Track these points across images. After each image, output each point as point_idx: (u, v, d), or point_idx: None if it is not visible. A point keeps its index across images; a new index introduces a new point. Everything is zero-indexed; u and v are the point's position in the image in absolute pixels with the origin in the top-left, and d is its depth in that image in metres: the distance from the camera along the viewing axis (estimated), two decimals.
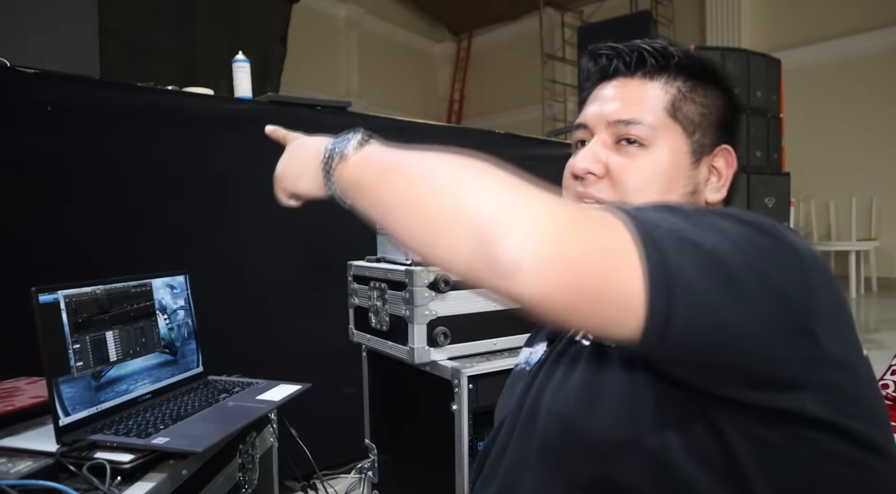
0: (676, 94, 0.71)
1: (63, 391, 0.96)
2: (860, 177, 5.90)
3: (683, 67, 0.72)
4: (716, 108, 0.73)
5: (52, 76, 1.68)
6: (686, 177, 0.70)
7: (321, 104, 2.27)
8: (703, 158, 0.72)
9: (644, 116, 0.70)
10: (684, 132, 0.71)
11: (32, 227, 1.63)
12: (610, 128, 0.71)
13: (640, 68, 0.73)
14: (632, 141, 0.70)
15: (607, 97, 0.73)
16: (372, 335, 1.56)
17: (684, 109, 0.71)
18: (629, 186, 0.69)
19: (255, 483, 1.29)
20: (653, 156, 0.69)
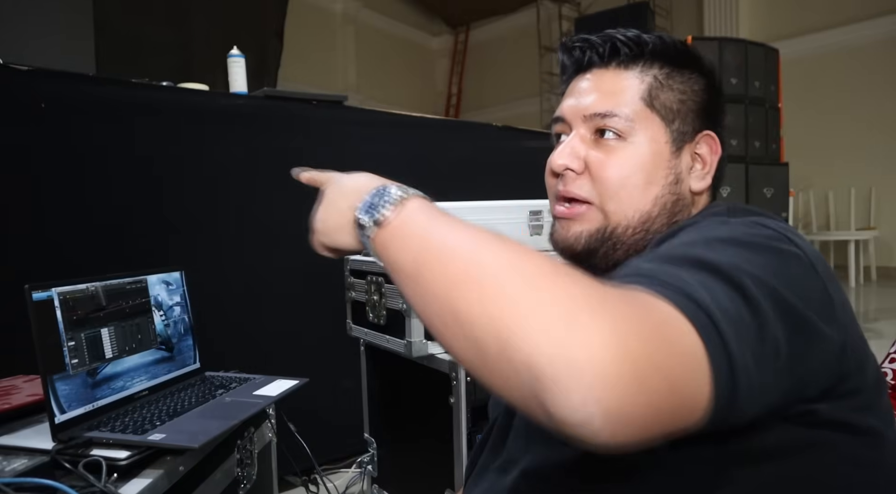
0: (653, 82, 0.70)
1: (58, 388, 0.96)
2: (859, 167, 5.89)
3: (658, 53, 0.71)
4: (695, 93, 0.71)
5: (46, 73, 1.67)
6: (667, 167, 0.69)
7: (317, 99, 2.26)
8: (685, 146, 0.71)
9: (620, 108, 0.68)
10: (663, 121, 0.69)
11: (26, 224, 1.63)
12: (587, 122, 0.70)
13: (614, 58, 0.71)
14: (610, 134, 0.68)
15: (583, 90, 0.72)
16: (369, 329, 1.55)
17: (661, 97, 0.69)
18: (609, 181, 0.68)
19: (254, 478, 1.29)
20: (632, 148, 0.68)
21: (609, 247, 0.69)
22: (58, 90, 1.69)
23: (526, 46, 8.34)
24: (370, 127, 2.40)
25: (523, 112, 8.19)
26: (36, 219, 1.64)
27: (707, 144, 0.72)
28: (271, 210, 2.10)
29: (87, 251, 1.71)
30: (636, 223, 0.68)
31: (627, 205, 0.68)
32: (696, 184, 0.71)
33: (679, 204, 0.70)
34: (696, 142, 0.71)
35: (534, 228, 1.54)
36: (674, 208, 0.70)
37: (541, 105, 8.12)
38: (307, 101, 2.23)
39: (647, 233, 0.69)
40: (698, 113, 0.71)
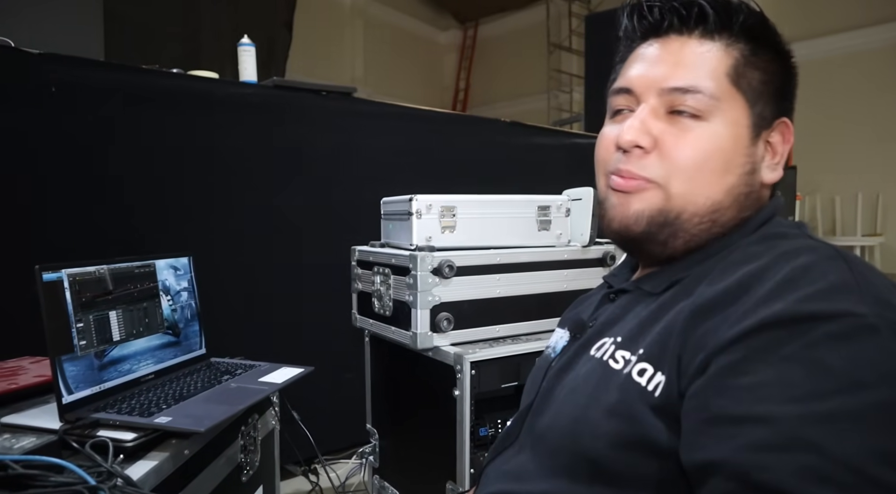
0: (739, 57, 0.62)
1: (66, 369, 0.96)
2: (866, 172, 5.86)
3: (747, 26, 0.63)
4: (776, 75, 0.64)
5: (56, 58, 1.67)
6: (745, 154, 0.62)
7: (326, 89, 2.26)
8: (762, 133, 0.64)
9: (704, 84, 0.61)
10: (746, 103, 0.62)
11: (35, 208, 1.63)
12: (663, 96, 0.63)
13: (700, 24, 0.63)
14: (687, 111, 0.62)
15: (657, 59, 0.64)
16: (375, 320, 1.56)
17: (748, 75, 0.62)
18: (681, 163, 0.61)
19: (257, 464, 1.30)
20: (710, 129, 0.61)
21: (669, 234, 0.63)
22: (68, 75, 1.69)
23: (535, 43, 8.30)
24: (378, 119, 2.40)
25: (531, 109, 8.16)
26: (43, 203, 1.64)
27: (781, 133, 0.65)
28: (280, 198, 2.10)
29: (92, 235, 1.71)
30: (704, 212, 0.62)
31: (699, 191, 0.62)
32: (769, 175, 0.65)
33: (751, 197, 0.64)
34: (772, 129, 0.65)
35: (541, 223, 1.54)
36: (745, 201, 0.63)
37: (548, 102, 8.08)
38: (316, 91, 2.23)
39: (714, 225, 0.63)
40: (778, 97, 0.64)
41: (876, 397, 0.43)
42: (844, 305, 0.47)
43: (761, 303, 0.50)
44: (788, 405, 0.44)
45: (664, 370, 0.55)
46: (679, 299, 0.60)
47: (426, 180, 2.04)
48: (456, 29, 9.90)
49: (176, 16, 4.71)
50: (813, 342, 0.46)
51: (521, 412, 0.75)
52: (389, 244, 1.57)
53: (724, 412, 0.47)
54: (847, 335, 0.46)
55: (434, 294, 1.34)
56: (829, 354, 0.45)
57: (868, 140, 5.91)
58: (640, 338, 0.60)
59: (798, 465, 0.42)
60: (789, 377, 0.45)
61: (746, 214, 0.64)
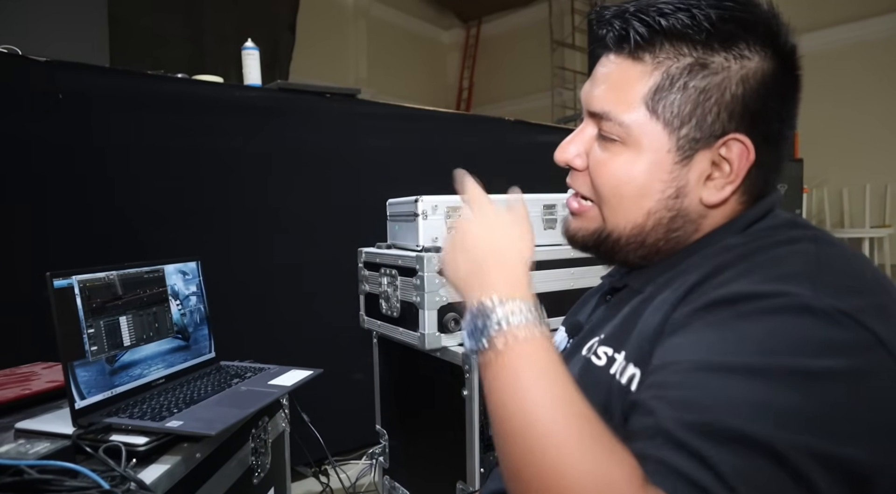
0: (660, 81, 0.58)
1: (78, 374, 0.97)
2: (874, 163, 5.81)
3: (679, 37, 0.57)
4: (724, 89, 0.57)
5: (62, 65, 1.68)
6: (665, 181, 0.60)
7: (330, 92, 2.26)
8: (698, 154, 0.59)
9: (618, 109, 0.60)
10: (665, 128, 0.59)
11: (44, 214, 1.65)
12: (590, 117, 0.64)
13: (625, 44, 0.60)
14: (608, 135, 0.62)
15: (595, 77, 0.64)
16: (383, 322, 1.56)
17: (669, 98, 0.58)
18: (601, 187, 0.63)
19: (268, 467, 1.30)
20: (628, 155, 0.61)
21: (606, 250, 0.66)
22: (75, 82, 1.71)
23: (538, 41, 8.28)
24: (383, 120, 2.41)
25: (535, 107, 8.14)
26: (51, 209, 1.66)
27: (736, 149, 0.58)
28: (286, 201, 2.11)
29: (101, 241, 1.72)
30: (628, 234, 0.64)
31: (620, 215, 0.63)
32: (711, 196, 0.60)
33: (678, 220, 0.61)
34: (719, 146, 0.59)
35: (547, 222, 1.54)
36: (671, 224, 0.62)
37: (552, 100, 8.07)
38: (320, 93, 2.24)
39: (643, 245, 0.64)
40: (727, 112, 0.58)
41: (778, 363, 0.45)
42: (788, 287, 0.48)
43: (717, 287, 0.52)
44: (692, 356, 0.48)
45: (639, 364, 0.56)
46: (658, 294, 0.60)
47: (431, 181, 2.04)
48: (459, 28, 9.89)
49: (179, 21, 4.73)
50: (742, 314, 0.48)
51: None
52: (396, 246, 1.57)
53: (650, 370, 0.52)
54: (777, 310, 0.47)
55: (441, 295, 1.34)
56: (752, 325, 0.47)
57: (876, 131, 5.87)
58: (623, 335, 0.61)
59: (678, 400, 0.45)
60: (705, 338, 0.49)
61: (677, 234, 0.63)
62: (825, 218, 5.95)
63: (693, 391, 0.45)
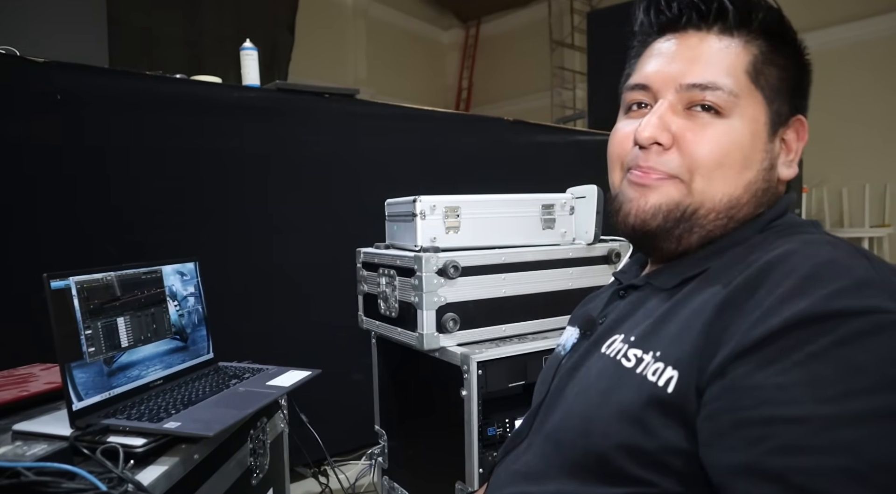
0: (758, 54, 0.63)
1: (76, 376, 0.97)
2: (874, 163, 5.82)
3: (766, 23, 0.63)
4: (792, 73, 0.65)
5: (61, 65, 1.68)
6: (763, 151, 0.63)
7: (329, 92, 2.26)
8: (779, 130, 0.64)
9: (723, 80, 0.61)
10: (764, 100, 0.63)
11: (42, 215, 1.65)
12: (681, 92, 0.63)
13: (719, 21, 0.63)
14: (707, 108, 0.62)
15: (675, 55, 0.64)
16: (381, 322, 1.56)
17: (766, 72, 0.63)
18: (701, 159, 0.61)
19: (266, 468, 1.30)
20: (729, 126, 0.61)
21: (685, 229, 0.63)
22: (73, 82, 1.71)
23: (537, 41, 8.28)
24: (381, 120, 2.41)
25: (534, 106, 8.14)
26: (48, 210, 1.66)
27: (796, 130, 0.66)
28: (285, 202, 2.11)
29: (98, 242, 1.72)
30: (721, 208, 0.62)
31: (718, 187, 0.62)
32: (785, 171, 0.65)
33: (768, 192, 0.64)
34: (788, 126, 0.65)
35: (546, 222, 1.54)
36: (762, 197, 0.64)
37: (551, 99, 8.07)
38: (319, 94, 2.24)
39: (731, 221, 0.63)
40: (793, 95, 0.65)
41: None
42: (872, 301, 0.46)
43: (785, 300, 0.49)
44: (821, 405, 0.43)
45: (679, 367, 0.54)
46: (695, 295, 0.59)
47: (430, 181, 2.05)
48: (458, 28, 9.89)
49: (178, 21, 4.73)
50: (842, 340, 0.45)
51: (531, 410, 0.75)
52: (394, 246, 1.57)
53: (753, 413, 0.46)
54: (877, 331, 0.45)
55: (440, 295, 1.34)
56: (860, 351, 0.44)
57: (875, 131, 5.87)
58: (655, 337, 0.59)
59: (835, 466, 0.41)
60: (820, 377, 0.44)
61: (762, 210, 0.64)
62: (825, 218, 5.95)
63: (848, 459, 0.41)
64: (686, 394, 0.52)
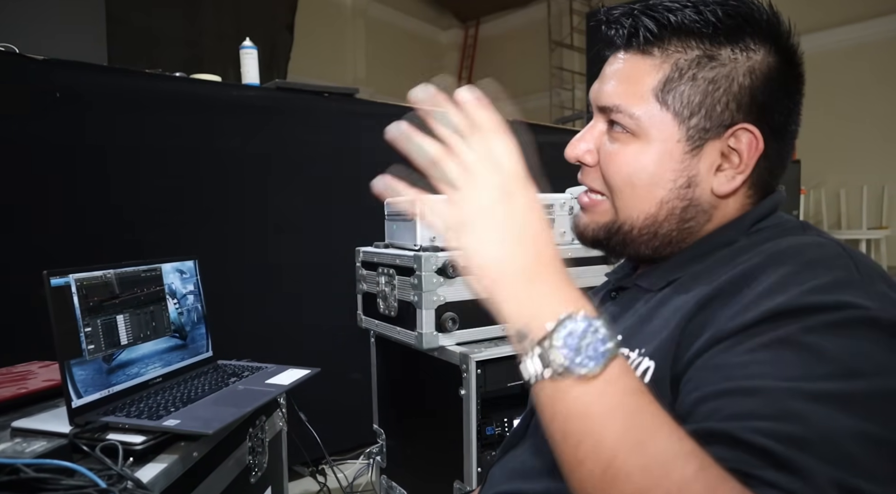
0: (671, 72, 0.61)
1: (75, 373, 0.97)
2: (872, 165, 5.83)
3: (686, 32, 0.60)
4: (731, 80, 0.60)
5: (60, 63, 1.68)
6: (676, 170, 0.62)
7: (329, 91, 2.26)
8: (707, 144, 0.61)
9: (628, 102, 0.62)
10: (675, 119, 0.61)
11: (41, 213, 1.64)
12: (600, 112, 0.66)
13: (633, 40, 0.63)
14: (618, 127, 0.63)
15: (605, 75, 0.66)
16: (380, 321, 1.56)
17: (679, 89, 0.61)
18: (612, 178, 0.64)
19: (265, 466, 1.30)
20: (638, 146, 0.62)
21: (618, 242, 0.66)
22: (72, 80, 1.71)
23: (536, 41, 8.29)
24: (381, 119, 2.37)
25: (533, 107, 8.15)
26: (47, 208, 1.66)
27: (746, 139, 0.61)
28: (284, 201, 2.11)
29: (98, 240, 1.72)
30: (641, 225, 0.64)
31: (633, 205, 0.64)
32: (721, 186, 0.62)
33: (690, 210, 0.63)
34: (728, 137, 0.61)
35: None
36: (683, 214, 0.63)
37: (550, 100, 8.08)
38: (319, 93, 2.24)
39: (654, 237, 0.64)
40: (735, 103, 0.60)
41: (867, 385, 0.44)
42: (848, 297, 0.47)
43: (764, 295, 0.50)
44: (778, 381, 0.44)
45: (655, 357, 0.56)
46: (678, 294, 0.60)
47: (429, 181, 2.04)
48: (457, 28, 9.89)
49: (178, 20, 4.72)
50: (810, 328, 0.46)
51: (528, 410, 0.76)
52: (393, 245, 1.57)
53: (714, 388, 0.47)
54: (846, 324, 0.46)
55: (439, 294, 1.35)
56: (826, 340, 0.45)
57: (873, 133, 5.89)
58: (639, 335, 0.61)
59: (782, 432, 0.42)
60: (782, 358, 0.46)
61: (690, 224, 0.64)
62: (822, 219, 5.96)
63: (796, 426, 0.42)
64: (660, 383, 0.54)
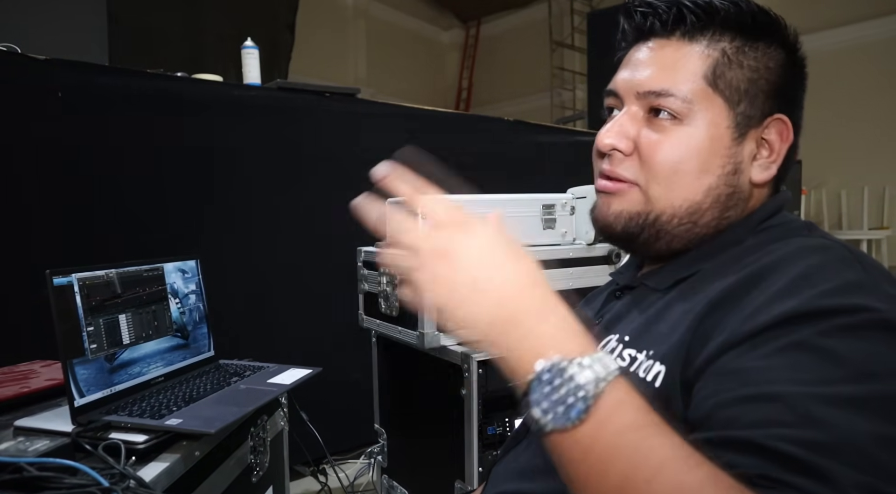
0: (719, 58, 0.62)
1: (78, 372, 0.97)
2: (873, 165, 5.83)
3: (731, 22, 0.63)
4: (769, 71, 0.63)
5: (62, 63, 1.68)
6: (725, 155, 0.62)
7: (330, 91, 2.27)
8: (750, 132, 0.63)
9: (678, 87, 0.62)
10: (726, 103, 0.62)
11: (43, 213, 1.65)
12: (640, 99, 0.64)
13: (679, 27, 0.64)
14: (664, 114, 0.62)
15: (640, 62, 0.65)
16: (382, 321, 1.56)
17: (728, 75, 0.62)
18: (659, 165, 0.62)
19: (266, 465, 1.30)
20: (687, 131, 0.62)
21: (650, 235, 0.64)
22: (74, 80, 1.71)
23: (537, 41, 8.29)
24: (381, 119, 2.41)
25: (534, 107, 8.15)
26: (48, 207, 1.66)
27: (777, 130, 0.63)
28: (285, 200, 2.11)
29: (100, 239, 1.72)
30: (683, 214, 0.63)
31: (677, 193, 0.62)
32: (758, 174, 0.64)
33: (734, 197, 0.63)
34: (765, 127, 0.63)
35: (546, 222, 1.54)
36: (727, 202, 0.63)
37: (551, 100, 8.08)
38: (320, 93, 2.24)
39: (695, 226, 0.63)
40: (771, 93, 0.63)
41: (884, 388, 0.43)
42: (861, 300, 0.47)
43: (776, 299, 0.49)
44: (796, 386, 0.44)
45: (666, 362, 0.55)
46: (687, 296, 0.59)
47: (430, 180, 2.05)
48: (458, 28, 9.89)
49: (179, 19, 4.72)
50: (825, 332, 0.46)
51: None
52: None
53: (731, 394, 0.46)
54: (861, 327, 0.46)
55: None
56: (841, 343, 0.45)
57: (874, 133, 5.88)
58: (647, 336, 0.60)
59: (807, 438, 0.41)
60: (799, 362, 0.45)
61: (730, 213, 0.64)
62: (823, 220, 5.96)
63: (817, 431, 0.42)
64: (672, 388, 0.53)
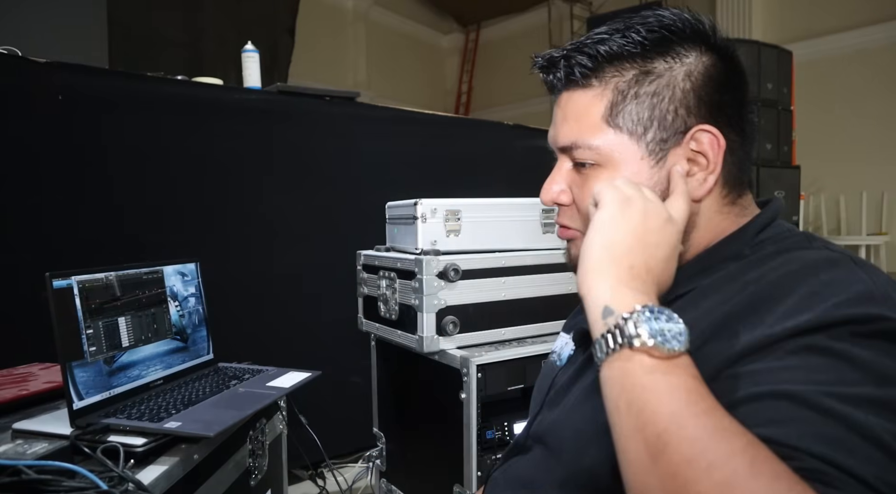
0: (613, 96, 0.62)
1: (77, 375, 0.97)
2: (871, 171, 5.84)
3: (618, 57, 0.62)
4: (674, 87, 0.61)
5: (62, 66, 1.69)
6: (649, 185, 0.61)
7: (330, 95, 2.27)
8: (670, 152, 0.62)
9: (583, 137, 0.63)
10: (631, 138, 0.62)
11: (43, 216, 1.65)
12: (563, 153, 0.67)
13: (570, 80, 0.65)
14: (584, 164, 0.64)
15: (555, 118, 0.68)
16: (381, 324, 1.56)
17: (626, 110, 0.62)
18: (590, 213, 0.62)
19: (265, 469, 1.30)
20: (607, 174, 0.63)
21: None
22: (74, 83, 1.71)
23: (536, 46, 8.28)
24: (381, 123, 2.41)
25: (533, 111, 8.16)
26: (49, 210, 1.66)
27: (707, 140, 0.61)
28: (285, 204, 2.11)
29: (99, 243, 1.72)
30: None
31: None
32: (696, 190, 0.62)
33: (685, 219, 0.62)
34: (688, 141, 0.62)
35: (546, 226, 1.54)
36: None
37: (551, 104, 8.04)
38: (320, 96, 2.24)
39: None
40: (688, 107, 0.61)
41: None
42: (874, 309, 0.48)
43: (789, 316, 0.50)
44: (811, 385, 0.44)
45: None
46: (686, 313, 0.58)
47: (430, 184, 2.05)
48: (458, 32, 9.91)
49: (179, 23, 4.73)
50: (840, 337, 0.47)
51: (530, 419, 0.76)
52: (395, 248, 1.57)
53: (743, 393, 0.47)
54: (875, 335, 0.47)
55: (440, 298, 1.35)
56: (856, 348, 0.46)
57: (872, 138, 5.90)
58: None
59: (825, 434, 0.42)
60: (813, 364, 0.46)
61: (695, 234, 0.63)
62: (822, 225, 5.97)
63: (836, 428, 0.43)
64: None
